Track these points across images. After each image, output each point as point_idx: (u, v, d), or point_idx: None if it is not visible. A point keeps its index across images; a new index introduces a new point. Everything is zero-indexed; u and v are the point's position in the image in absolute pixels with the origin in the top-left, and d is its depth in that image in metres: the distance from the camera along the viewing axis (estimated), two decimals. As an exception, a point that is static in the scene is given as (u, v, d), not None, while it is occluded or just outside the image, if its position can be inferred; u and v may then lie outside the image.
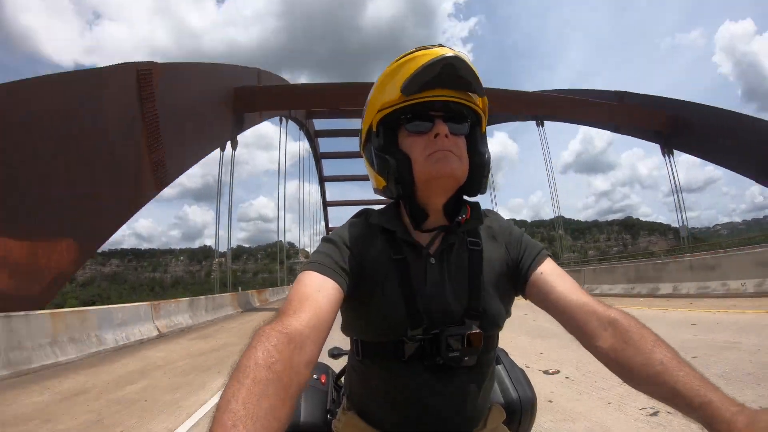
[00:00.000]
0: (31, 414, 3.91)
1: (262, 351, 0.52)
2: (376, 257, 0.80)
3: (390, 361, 0.78)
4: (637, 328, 0.66)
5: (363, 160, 0.88)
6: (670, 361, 0.59)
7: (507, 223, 0.90)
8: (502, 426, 0.90)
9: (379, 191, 0.85)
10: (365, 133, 0.85)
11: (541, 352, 5.33)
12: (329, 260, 0.75)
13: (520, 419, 1.03)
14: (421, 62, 0.73)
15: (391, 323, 0.76)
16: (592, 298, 0.73)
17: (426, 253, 0.81)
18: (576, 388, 3.69)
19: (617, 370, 0.66)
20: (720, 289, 9.12)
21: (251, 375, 0.48)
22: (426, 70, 0.73)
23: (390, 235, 0.82)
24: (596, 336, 0.68)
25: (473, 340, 0.75)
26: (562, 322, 0.74)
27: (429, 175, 0.77)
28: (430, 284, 0.79)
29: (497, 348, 0.89)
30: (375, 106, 0.81)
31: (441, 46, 0.76)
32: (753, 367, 3.70)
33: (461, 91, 0.78)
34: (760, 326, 5.49)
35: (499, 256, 0.83)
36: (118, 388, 4.80)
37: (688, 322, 6.36)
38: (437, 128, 0.76)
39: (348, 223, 0.86)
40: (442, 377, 0.77)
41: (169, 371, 5.67)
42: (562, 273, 0.79)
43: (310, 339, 0.60)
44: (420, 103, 0.76)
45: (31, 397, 4.54)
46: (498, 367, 1.09)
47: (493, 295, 0.81)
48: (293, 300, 0.66)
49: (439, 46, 0.76)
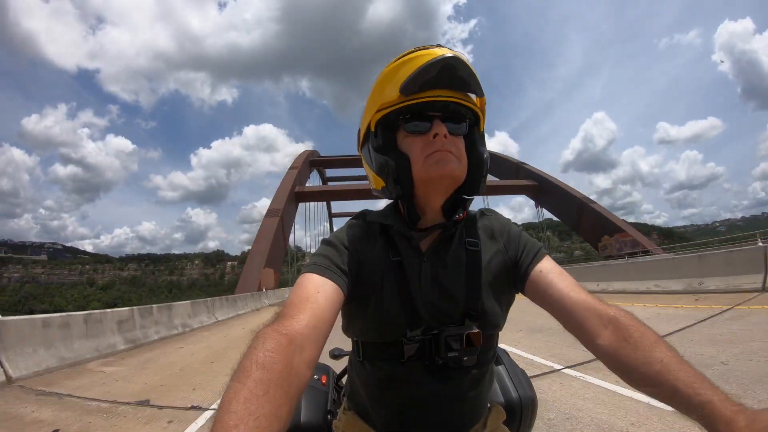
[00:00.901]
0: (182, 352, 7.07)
1: (263, 352, 0.51)
2: (375, 258, 0.78)
3: (389, 361, 0.76)
4: (637, 326, 0.64)
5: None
6: (670, 360, 0.58)
7: (506, 221, 0.88)
8: (502, 426, 0.88)
9: (378, 192, 0.83)
10: (363, 133, 0.84)
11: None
12: (329, 262, 0.74)
13: (521, 419, 1.01)
14: (420, 62, 0.71)
15: (390, 324, 0.75)
16: (591, 296, 0.71)
17: (424, 254, 0.79)
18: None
19: (617, 369, 0.63)
20: (654, 288, 9.86)
21: (252, 376, 0.48)
22: (425, 70, 0.71)
23: (388, 236, 0.80)
24: (596, 334, 0.66)
25: (472, 340, 0.74)
26: (561, 321, 0.72)
27: (428, 175, 0.74)
28: (429, 285, 0.77)
29: (498, 348, 0.87)
30: (373, 106, 0.79)
31: (440, 46, 0.74)
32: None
33: (460, 92, 0.76)
34: (670, 316, 6.28)
35: (498, 255, 0.81)
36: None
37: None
38: (436, 128, 0.74)
39: (347, 225, 0.84)
40: (442, 377, 0.75)
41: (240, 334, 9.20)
42: (561, 271, 0.77)
43: (310, 340, 0.59)
44: (419, 104, 0.75)
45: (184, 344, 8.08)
46: (498, 367, 1.07)
47: (492, 294, 0.79)
48: (293, 302, 0.65)
49: (437, 47, 0.74)
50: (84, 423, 3.36)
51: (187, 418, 3.43)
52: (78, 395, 4.26)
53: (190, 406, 3.76)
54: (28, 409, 3.74)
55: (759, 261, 7.75)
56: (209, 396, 4.08)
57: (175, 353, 6.96)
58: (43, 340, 5.75)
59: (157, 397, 4.14)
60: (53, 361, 5.65)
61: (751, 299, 6.81)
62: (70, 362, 5.88)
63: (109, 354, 6.71)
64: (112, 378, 5.09)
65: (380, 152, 0.78)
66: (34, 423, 3.36)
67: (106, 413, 3.63)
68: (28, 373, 5.16)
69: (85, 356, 6.26)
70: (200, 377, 4.99)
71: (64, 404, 3.93)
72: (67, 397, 4.18)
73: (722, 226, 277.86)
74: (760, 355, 3.71)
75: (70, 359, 5.94)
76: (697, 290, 8.54)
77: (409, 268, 0.77)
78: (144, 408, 3.78)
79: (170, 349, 7.46)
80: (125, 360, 6.39)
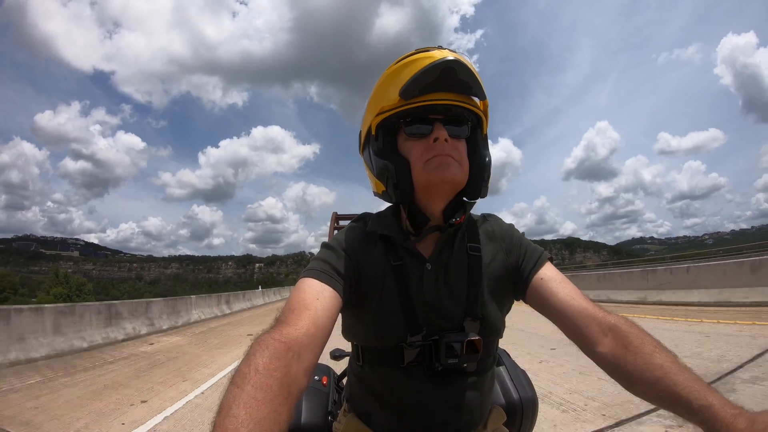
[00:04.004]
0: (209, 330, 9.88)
1: (261, 359, 0.48)
2: (375, 263, 0.72)
3: (389, 366, 0.70)
4: (636, 333, 0.60)
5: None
6: (670, 365, 0.54)
7: (507, 226, 0.80)
8: (502, 427, 0.82)
9: (378, 195, 0.76)
10: (364, 136, 0.77)
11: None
12: (328, 267, 0.68)
13: (521, 420, 0.94)
14: (421, 65, 0.65)
15: (390, 329, 0.69)
16: (592, 303, 0.65)
17: (425, 259, 0.72)
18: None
19: (617, 376, 0.60)
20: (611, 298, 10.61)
21: (251, 381, 0.45)
22: (426, 73, 0.64)
23: (389, 241, 0.73)
24: (596, 341, 0.61)
25: (473, 347, 0.68)
26: (562, 328, 0.67)
27: (428, 180, 0.68)
28: (429, 290, 0.70)
29: (499, 349, 0.82)
30: (374, 109, 0.72)
31: (441, 48, 0.67)
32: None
33: (462, 94, 0.69)
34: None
35: (499, 260, 0.75)
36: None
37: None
38: (437, 132, 0.67)
39: (347, 228, 0.78)
40: (442, 383, 0.69)
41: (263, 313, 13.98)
42: (563, 278, 0.70)
43: (308, 347, 0.55)
44: (420, 107, 0.68)
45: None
46: (499, 369, 1.00)
47: (493, 300, 0.73)
48: (292, 308, 0.60)
49: (439, 49, 0.67)
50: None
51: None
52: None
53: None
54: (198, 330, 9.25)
55: (643, 279, 9.75)
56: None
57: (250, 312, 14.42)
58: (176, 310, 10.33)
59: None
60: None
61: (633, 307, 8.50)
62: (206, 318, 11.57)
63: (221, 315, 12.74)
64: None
65: (380, 156, 0.71)
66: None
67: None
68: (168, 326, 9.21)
69: (208, 316, 11.89)
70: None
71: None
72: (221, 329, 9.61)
73: (710, 239, 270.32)
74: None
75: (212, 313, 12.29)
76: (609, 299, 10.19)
77: (411, 272, 0.71)
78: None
79: (248, 313, 14.27)
80: (229, 317, 12.72)
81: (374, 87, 0.73)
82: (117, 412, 3.41)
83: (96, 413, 3.35)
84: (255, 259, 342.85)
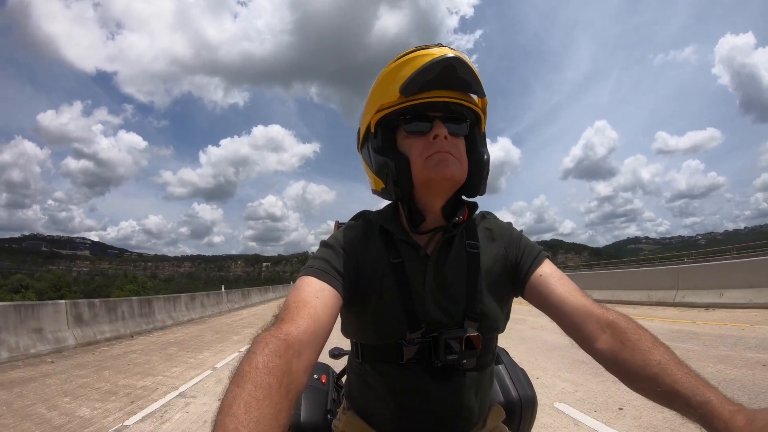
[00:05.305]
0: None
1: (261, 357, 0.46)
2: (374, 260, 0.69)
3: (389, 363, 0.68)
4: (635, 329, 0.58)
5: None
6: (668, 361, 0.53)
7: (506, 224, 0.78)
8: (501, 425, 0.80)
9: (377, 193, 0.74)
10: (363, 133, 0.74)
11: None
12: (327, 265, 0.65)
13: (520, 418, 0.92)
14: (421, 63, 0.62)
15: (389, 327, 0.67)
16: (590, 300, 0.64)
17: (424, 256, 0.70)
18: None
19: (616, 372, 0.58)
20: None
21: (251, 380, 0.43)
22: (425, 71, 0.62)
23: (388, 238, 0.71)
24: (594, 338, 0.60)
25: (472, 343, 0.65)
26: (560, 325, 0.65)
27: (427, 177, 0.65)
28: (428, 287, 0.68)
29: (498, 348, 0.80)
30: (373, 106, 0.69)
31: (440, 45, 0.65)
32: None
33: (461, 92, 0.67)
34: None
35: (498, 258, 0.72)
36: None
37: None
38: (436, 129, 0.65)
39: (346, 226, 0.75)
40: (441, 380, 0.68)
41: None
42: (561, 275, 0.68)
43: (308, 345, 0.53)
44: (419, 104, 0.65)
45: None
46: (499, 367, 0.97)
47: (492, 297, 0.71)
48: (291, 306, 0.57)
49: (438, 46, 0.65)
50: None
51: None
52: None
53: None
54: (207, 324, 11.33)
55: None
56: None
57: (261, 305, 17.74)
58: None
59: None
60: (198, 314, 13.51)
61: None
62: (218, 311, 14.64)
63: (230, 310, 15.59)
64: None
65: (380, 153, 0.69)
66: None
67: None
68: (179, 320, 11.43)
69: (222, 310, 14.81)
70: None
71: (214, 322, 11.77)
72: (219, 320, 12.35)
73: (703, 240, 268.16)
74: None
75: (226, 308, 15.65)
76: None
77: (410, 270, 0.68)
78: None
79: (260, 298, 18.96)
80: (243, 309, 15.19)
81: (373, 84, 0.70)
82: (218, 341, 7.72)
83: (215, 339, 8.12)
84: (262, 258, 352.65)
